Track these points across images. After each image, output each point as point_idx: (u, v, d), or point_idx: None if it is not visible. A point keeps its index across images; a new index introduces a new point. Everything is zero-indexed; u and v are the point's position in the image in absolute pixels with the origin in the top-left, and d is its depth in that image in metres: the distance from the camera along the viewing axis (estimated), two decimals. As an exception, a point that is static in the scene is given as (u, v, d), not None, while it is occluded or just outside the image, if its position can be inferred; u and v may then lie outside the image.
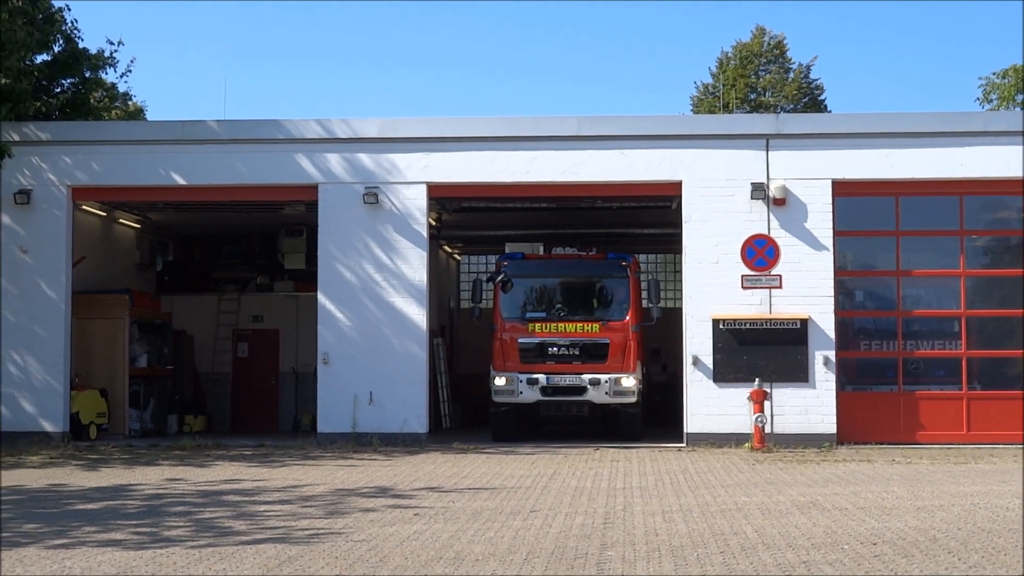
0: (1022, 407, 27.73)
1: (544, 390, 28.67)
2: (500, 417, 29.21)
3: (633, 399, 28.81)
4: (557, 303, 29.70)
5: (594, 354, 28.82)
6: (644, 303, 29.75)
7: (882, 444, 27.41)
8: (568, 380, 28.65)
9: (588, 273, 30.29)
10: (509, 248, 30.92)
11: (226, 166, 29.12)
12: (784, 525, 14.98)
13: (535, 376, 28.63)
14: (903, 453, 25.81)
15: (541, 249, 30.91)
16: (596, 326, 28.97)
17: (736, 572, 11.82)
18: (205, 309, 36.07)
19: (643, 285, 29.77)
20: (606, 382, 28.49)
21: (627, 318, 29.10)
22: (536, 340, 28.96)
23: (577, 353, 28.84)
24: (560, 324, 29.06)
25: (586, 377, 28.56)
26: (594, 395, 28.59)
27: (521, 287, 29.80)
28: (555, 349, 28.89)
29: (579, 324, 29.01)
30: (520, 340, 28.99)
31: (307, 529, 14.90)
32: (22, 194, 28.96)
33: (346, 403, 28.35)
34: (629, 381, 28.63)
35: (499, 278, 29.66)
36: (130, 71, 41.27)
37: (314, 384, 29.49)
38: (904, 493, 18.42)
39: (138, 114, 44.80)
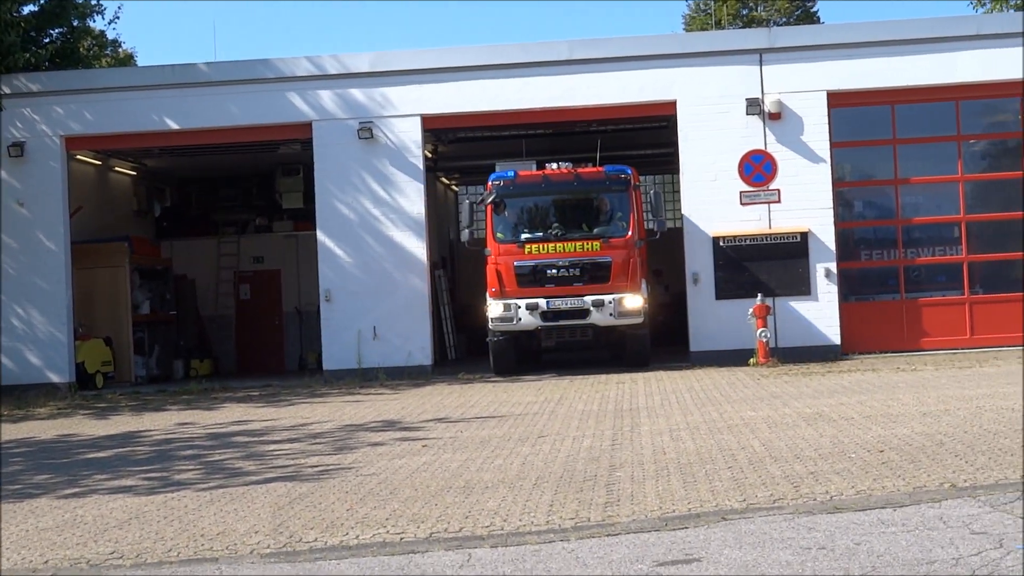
0: (1023, 310, 27.79)
1: (545, 315, 26.90)
2: (499, 347, 27.72)
3: (639, 319, 27.17)
4: (554, 222, 27.68)
5: (596, 274, 26.99)
6: (647, 217, 29.00)
7: (886, 353, 27.51)
8: (570, 303, 26.88)
9: (585, 188, 28.04)
10: (500, 167, 28.83)
11: (219, 108, 29.06)
12: (791, 437, 15.02)
13: (534, 301, 26.84)
14: (907, 361, 25.89)
15: (534, 166, 28.82)
16: (596, 244, 27.13)
17: (745, 485, 11.87)
18: (205, 253, 36.09)
19: (645, 198, 28.30)
20: (610, 303, 26.71)
21: (629, 234, 27.27)
22: (533, 263, 27.11)
23: (578, 274, 26.98)
24: (558, 244, 27.08)
25: (588, 299, 26.77)
26: (598, 317, 26.87)
27: (514, 207, 27.79)
28: (554, 271, 27.01)
29: (578, 243, 27.17)
30: (516, 264, 27.13)
31: (317, 466, 14.95)
32: (16, 147, 28.94)
33: (350, 339, 28.46)
34: (634, 301, 26.92)
35: (491, 199, 27.67)
36: (118, 18, 41.15)
37: (318, 322, 29.56)
38: (910, 400, 18.46)
39: (128, 61, 44.61)
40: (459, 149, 34.09)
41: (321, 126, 28.93)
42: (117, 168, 33.93)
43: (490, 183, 28.01)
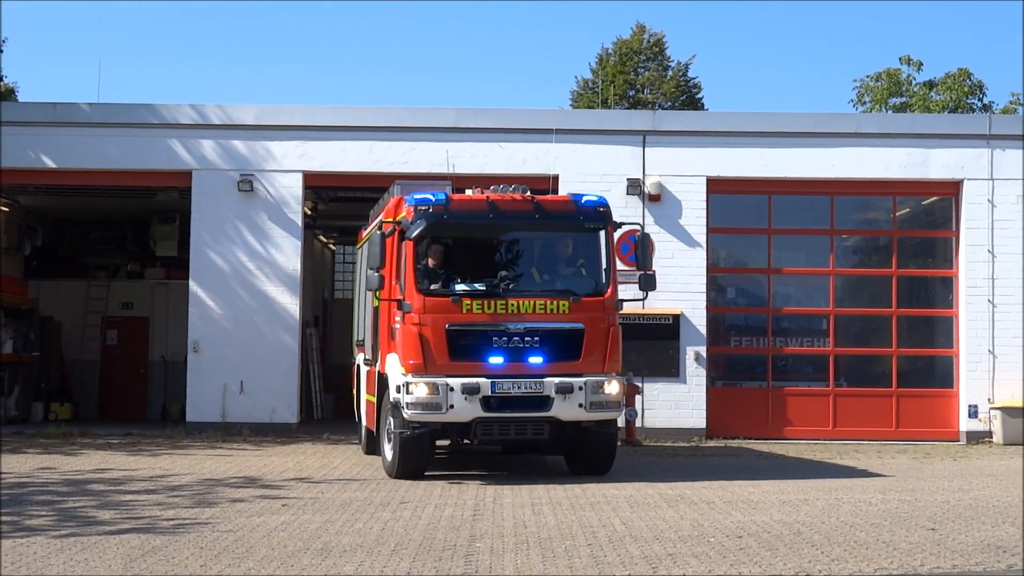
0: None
1: (487, 402, 18.80)
2: (414, 445, 19.23)
3: (616, 413, 19.84)
4: (502, 270, 19.65)
5: (563, 346, 19.29)
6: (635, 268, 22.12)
7: (750, 439, 27.74)
8: (525, 387, 18.95)
9: (549, 223, 20.12)
10: (400, 188, 20.61)
11: (98, 150, 28.67)
12: (652, 518, 15.08)
13: (474, 381, 18.75)
14: (770, 448, 26.15)
15: (449, 189, 20.44)
16: (565, 304, 19.29)
17: (604, 563, 11.88)
18: (74, 295, 35.44)
19: (638, 245, 21.03)
20: (581, 388, 19.03)
21: (609, 291, 19.89)
22: (473, 326, 19.04)
23: (536, 344, 19.10)
24: (510, 302, 19.08)
25: (551, 382, 18.97)
26: (562, 409, 18.98)
27: (446, 245, 19.75)
28: (503, 340, 19.01)
29: (539, 301, 19.22)
30: (449, 326, 18.95)
31: (173, 519, 14.72)
32: None
33: (216, 392, 28.09)
34: (614, 387, 19.47)
35: (415, 231, 19.24)
36: (1, 51, 40.53)
37: (184, 373, 29.13)
38: (770, 487, 18.64)
39: (9, 95, 43.92)
40: (339, 208, 33.96)
41: (201, 175, 28.66)
42: (-11, 203, 33.32)
43: (410, 208, 19.54)
